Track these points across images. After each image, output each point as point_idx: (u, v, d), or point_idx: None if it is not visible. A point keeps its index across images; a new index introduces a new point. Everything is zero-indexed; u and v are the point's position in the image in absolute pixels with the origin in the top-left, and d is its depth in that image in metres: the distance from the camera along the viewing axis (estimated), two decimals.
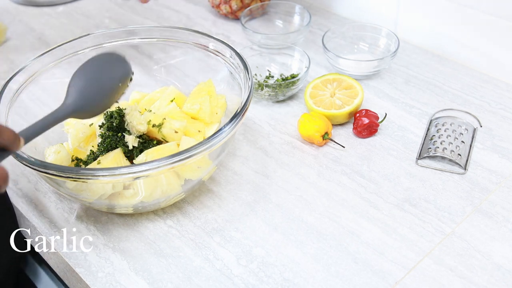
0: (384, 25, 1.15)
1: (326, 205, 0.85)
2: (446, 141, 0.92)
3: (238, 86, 0.89)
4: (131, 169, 0.71)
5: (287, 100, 1.06)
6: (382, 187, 0.87)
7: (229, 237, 0.81)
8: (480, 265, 0.75)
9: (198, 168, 0.81)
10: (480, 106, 1.02)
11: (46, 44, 1.28)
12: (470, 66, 1.12)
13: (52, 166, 0.73)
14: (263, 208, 0.85)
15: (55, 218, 0.85)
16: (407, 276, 0.74)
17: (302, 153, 0.94)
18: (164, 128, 0.84)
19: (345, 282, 0.74)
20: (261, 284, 0.74)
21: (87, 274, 0.77)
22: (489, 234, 0.79)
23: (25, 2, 1.45)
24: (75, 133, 0.88)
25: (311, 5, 1.35)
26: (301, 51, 1.09)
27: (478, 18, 1.06)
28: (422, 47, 1.18)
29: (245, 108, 0.80)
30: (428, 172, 0.89)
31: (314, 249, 0.78)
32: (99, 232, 0.83)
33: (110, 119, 0.85)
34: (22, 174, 0.93)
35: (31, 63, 0.90)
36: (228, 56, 0.92)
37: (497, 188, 0.86)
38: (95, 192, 0.78)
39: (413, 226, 0.81)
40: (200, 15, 1.35)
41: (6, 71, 1.19)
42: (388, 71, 1.12)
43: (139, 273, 0.77)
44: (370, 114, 0.96)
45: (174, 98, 0.91)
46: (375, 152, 0.94)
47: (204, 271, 0.76)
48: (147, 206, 0.82)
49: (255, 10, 1.27)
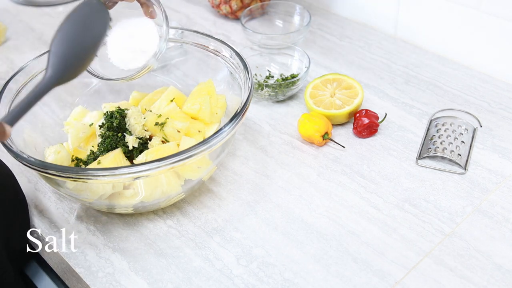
0: (384, 25, 1.16)
1: (326, 205, 0.85)
2: (446, 141, 0.92)
3: (238, 86, 0.89)
4: (131, 169, 0.71)
5: (287, 100, 1.06)
6: (382, 187, 0.87)
7: (229, 237, 0.81)
8: (480, 265, 0.75)
9: (198, 168, 0.81)
10: (480, 106, 1.02)
11: (46, 44, 1.28)
12: (470, 66, 1.12)
13: (52, 166, 0.73)
14: (263, 208, 0.85)
15: (55, 218, 0.85)
16: (407, 276, 0.74)
17: (302, 153, 0.94)
18: (167, 127, 0.84)
19: (345, 282, 0.74)
20: (261, 284, 0.74)
21: (87, 274, 0.77)
22: (489, 234, 0.79)
23: (25, 2, 1.45)
24: (75, 133, 0.88)
25: (311, 5, 1.35)
26: (301, 51, 1.09)
27: (478, 18, 1.06)
28: (422, 47, 1.18)
29: (245, 108, 0.80)
30: (428, 172, 0.89)
31: (314, 249, 0.78)
32: (99, 232, 0.83)
33: (110, 119, 0.85)
34: (22, 174, 0.93)
35: (31, 63, 0.90)
36: (228, 56, 0.92)
37: (497, 188, 0.86)
38: (95, 192, 0.78)
39: (413, 226, 0.81)
40: (200, 15, 1.35)
41: (6, 71, 1.19)
42: (388, 71, 1.12)
43: (139, 273, 0.77)
44: (370, 114, 0.96)
45: (174, 98, 0.91)
46: (375, 152, 0.94)
47: (204, 271, 0.76)
48: (147, 206, 0.82)
49: (255, 10, 1.27)
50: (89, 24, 0.74)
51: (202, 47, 0.96)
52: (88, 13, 0.75)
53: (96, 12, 0.76)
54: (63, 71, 0.70)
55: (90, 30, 0.74)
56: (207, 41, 0.95)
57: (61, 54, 0.71)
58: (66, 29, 0.73)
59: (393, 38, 1.22)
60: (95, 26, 0.75)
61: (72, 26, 0.73)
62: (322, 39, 1.23)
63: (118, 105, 0.92)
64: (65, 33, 0.73)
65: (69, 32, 0.73)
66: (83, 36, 0.73)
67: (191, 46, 0.97)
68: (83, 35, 0.73)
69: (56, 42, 0.72)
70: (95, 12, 0.76)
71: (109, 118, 0.85)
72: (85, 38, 0.73)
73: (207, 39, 0.95)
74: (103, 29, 0.76)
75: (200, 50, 0.96)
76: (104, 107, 0.93)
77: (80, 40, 0.73)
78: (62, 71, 0.70)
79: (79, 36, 0.73)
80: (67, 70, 0.71)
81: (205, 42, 0.95)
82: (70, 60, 0.71)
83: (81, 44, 0.73)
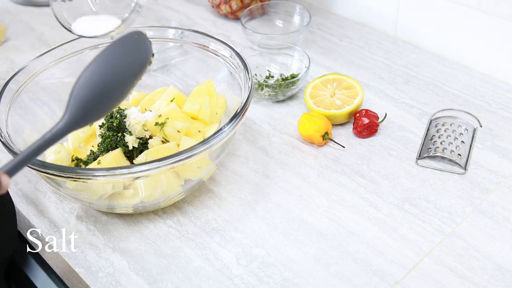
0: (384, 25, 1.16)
1: (326, 205, 0.85)
2: (446, 141, 0.92)
3: (238, 86, 0.89)
4: (131, 169, 0.71)
5: (287, 100, 1.06)
6: (382, 187, 0.87)
7: (229, 237, 0.81)
8: (480, 265, 0.75)
9: (198, 168, 0.81)
10: (480, 106, 1.02)
11: (46, 44, 1.28)
12: (470, 66, 1.12)
13: (52, 166, 0.73)
14: (263, 208, 0.85)
15: (55, 218, 0.85)
16: (407, 276, 0.74)
17: (302, 153, 0.94)
18: (167, 127, 0.84)
19: (345, 282, 0.74)
20: (261, 284, 0.74)
21: (87, 274, 0.77)
22: (489, 234, 0.79)
23: (25, 2, 1.45)
24: (75, 133, 0.88)
25: (311, 5, 1.35)
26: (301, 51, 1.09)
27: (478, 18, 1.06)
28: (422, 47, 1.18)
29: (245, 108, 0.80)
30: (428, 172, 0.89)
31: (314, 249, 0.78)
32: (99, 232, 0.83)
33: (110, 119, 0.85)
34: (22, 174, 0.93)
35: (31, 63, 0.90)
36: (228, 56, 0.92)
37: (497, 188, 0.86)
38: (95, 192, 0.78)
39: (413, 226, 0.81)
40: (200, 15, 1.35)
41: (6, 71, 1.19)
42: (388, 71, 1.12)
43: (139, 273, 0.77)
44: (370, 114, 0.96)
45: (174, 98, 0.91)
46: (375, 152, 0.94)
47: (204, 271, 0.76)
48: (147, 206, 0.82)
49: (255, 10, 1.27)
50: (124, 62, 0.65)
51: (202, 47, 0.96)
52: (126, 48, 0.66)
53: (137, 46, 0.67)
54: (82, 118, 0.63)
55: (125, 69, 0.65)
56: (207, 41, 0.95)
57: (83, 97, 0.63)
58: (94, 67, 0.64)
59: (393, 38, 1.22)
60: (132, 64, 0.66)
61: (103, 64, 0.65)
62: (322, 39, 1.23)
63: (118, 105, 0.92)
64: (92, 72, 0.64)
65: (98, 71, 0.64)
66: (114, 76, 0.64)
67: (191, 46, 0.97)
68: (114, 75, 0.64)
69: (81, 83, 0.64)
70: (135, 46, 0.67)
71: (109, 118, 0.85)
72: (117, 78, 0.65)
73: (207, 39, 0.95)
74: (141, 69, 0.67)
75: (200, 50, 0.96)
76: None
77: (109, 81, 0.64)
78: (80, 117, 0.63)
79: (109, 77, 0.64)
80: (87, 116, 0.64)
81: (205, 42, 0.95)
82: (93, 104, 0.63)
83: (110, 86, 0.64)
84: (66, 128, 0.64)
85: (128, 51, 0.67)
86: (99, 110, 0.66)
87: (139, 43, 0.68)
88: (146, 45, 0.69)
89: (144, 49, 0.68)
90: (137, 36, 0.68)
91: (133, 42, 0.68)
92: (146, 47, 0.69)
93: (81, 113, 0.64)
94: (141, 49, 0.68)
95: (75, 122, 0.64)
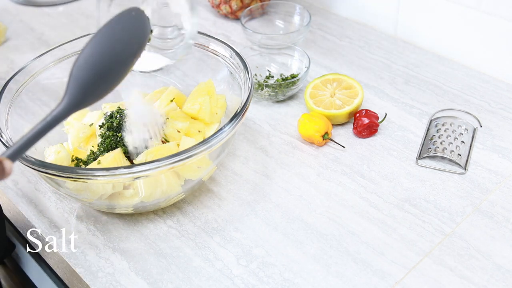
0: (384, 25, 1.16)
1: (326, 205, 0.85)
2: (446, 141, 0.92)
3: (238, 86, 0.89)
4: (131, 169, 0.71)
5: (287, 100, 1.06)
6: (382, 187, 0.87)
7: (229, 237, 0.81)
8: (480, 265, 0.75)
9: (198, 168, 0.81)
10: (480, 106, 1.02)
11: (46, 44, 1.28)
12: (470, 66, 1.12)
13: (52, 166, 0.73)
14: (263, 208, 0.85)
15: (55, 218, 0.85)
16: (407, 276, 0.74)
17: (302, 153, 0.94)
18: (167, 127, 0.84)
19: (345, 282, 0.74)
20: (261, 284, 0.74)
21: (87, 274, 0.77)
22: (489, 234, 0.79)
23: (25, 2, 1.45)
24: (75, 133, 0.88)
25: (311, 5, 1.35)
26: (301, 51, 1.09)
27: (478, 18, 1.06)
28: (422, 47, 1.18)
29: (245, 108, 0.80)
30: (428, 172, 0.89)
31: (314, 249, 0.78)
32: (99, 232, 0.83)
33: (110, 119, 0.85)
34: (22, 174, 0.93)
35: (31, 63, 0.90)
36: (228, 56, 0.92)
37: (497, 188, 0.86)
38: (95, 192, 0.78)
39: (413, 226, 0.81)
40: (200, 15, 1.35)
41: (6, 71, 1.19)
42: (388, 71, 1.12)
43: (139, 273, 0.77)
44: (370, 114, 0.96)
45: (174, 98, 0.91)
46: (375, 152, 0.94)
47: (204, 271, 0.76)
48: (147, 206, 0.82)
49: (255, 10, 1.27)
50: (123, 40, 0.64)
51: (202, 47, 0.96)
52: (124, 26, 0.64)
53: (135, 24, 0.65)
54: (82, 99, 0.62)
55: (124, 47, 0.64)
56: (207, 41, 0.95)
57: (83, 78, 0.62)
58: (92, 47, 0.63)
59: (393, 38, 1.22)
60: (131, 42, 0.64)
61: (101, 43, 0.63)
62: (322, 39, 1.23)
63: (118, 105, 0.92)
64: (91, 52, 0.63)
65: (96, 50, 0.63)
66: (113, 55, 0.63)
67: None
68: (113, 54, 0.63)
69: (80, 63, 0.63)
70: (133, 24, 0.65)
71: (109, 118, 0.85)
72: (116, 57, 0.63)
73: (207, 39, 0.95)
74: (140, 46, 0.65)
75: (200, 50, 0.96)
76: (104, 107, 0.93)
77: (108, 60, 0.63)
78: (80, 99, 0.62)
79: (108, 56, 0.63)
80: (87, 97, 0.63)
81: (205, 42, 0.95)
82: (93, 85, 0.62)
83: (109, 65, 0.63)
84: (66, 110, 0.62)
85: (126, 28, 0.65)
86: (99, 91, 0.65)
87: (137, 20, 0.66)
88: (144, 22, 0.67)
89: (142, 25, 0.67)
90: (135, 13, 0.66)
91: (130, 19, 0.66)
92: (144, 24, 0.67)
93: (81, 95, 0.62)
94: (139, 26, 0.66)
95: (76, 104, 0.62)
